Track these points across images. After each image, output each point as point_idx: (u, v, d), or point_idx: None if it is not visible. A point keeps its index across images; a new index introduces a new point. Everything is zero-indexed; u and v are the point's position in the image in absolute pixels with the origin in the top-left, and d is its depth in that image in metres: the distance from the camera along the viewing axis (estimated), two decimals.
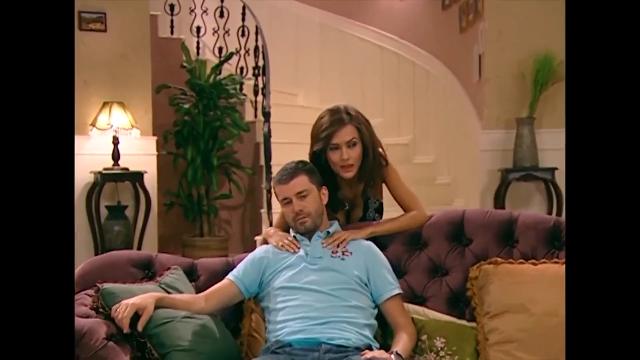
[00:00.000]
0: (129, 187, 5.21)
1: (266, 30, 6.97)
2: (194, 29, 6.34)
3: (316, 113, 7.99)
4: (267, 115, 5.66)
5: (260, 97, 6.16)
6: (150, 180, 5.22)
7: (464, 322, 2.77)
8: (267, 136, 5.50)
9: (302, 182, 2.70)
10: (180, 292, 2.67)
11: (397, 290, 2.68)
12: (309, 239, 2.74)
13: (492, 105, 5.07)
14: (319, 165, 2.82)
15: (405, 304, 2.80)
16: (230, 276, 2.73)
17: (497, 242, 2.86)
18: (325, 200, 2.78)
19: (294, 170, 2.72)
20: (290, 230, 2.82)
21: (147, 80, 5.31)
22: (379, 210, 3.00)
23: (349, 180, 2.90)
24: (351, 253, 2.72)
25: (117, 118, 5.01)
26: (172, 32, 6.35)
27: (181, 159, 5.84)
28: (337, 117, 2.80)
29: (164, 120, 5.90)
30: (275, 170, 5.70)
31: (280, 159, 6.27)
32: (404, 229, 2.92)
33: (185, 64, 5.85)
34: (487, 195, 5.08)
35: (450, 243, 2.91)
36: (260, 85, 6.14)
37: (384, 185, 3.00)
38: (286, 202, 2.71)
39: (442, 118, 6.36)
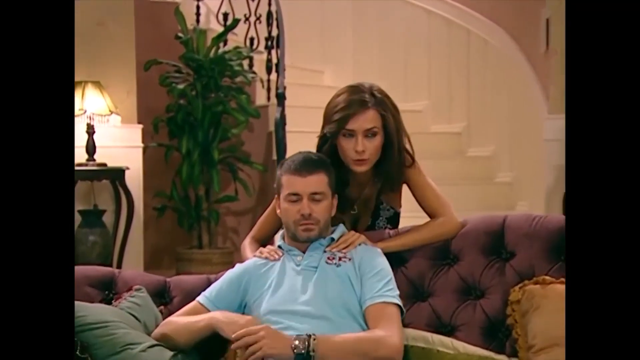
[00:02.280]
0: (108, 188, 5.26)
1: None
2: None
3: None
4: (280, 97, 5.65)
5: (274, 76, 6.15)
6: (134, 179, 5.26)
7: (503, 357, 2.74)
8: (280, 124, 5.49)
9: (321, 181, 2.72)
10: (138, 320, 2.66)
11: (383, 299, 2.63)
12: (303, 249, 2.73)
13: (560, 83, 5.00)
14: (325, 152, 2.82)
15: (429, 334, 2.76)
16: (200, 298, 2.73)
17: (546, 256, 2.81)
18: (333, 212, 2.80)
19: (317, 163, 2.74)
20: (278, 241, 2.81)
21: (130, 55, 5.35)
22: (393, 220, 2.98)
23: (360, 177, 2.88)
24: (349, 259, 2.70)
25: (92, 102, 5.05)
26: None
27: (175, 152, 5.87)
28: (358, 98, 2.80)
29: (154, 104, 5.93)
30: None
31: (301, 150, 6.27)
32: (429, 242, 2.90)
33: (180, 35, 5.87)
34: (554, 197, 5.02)
35: (486, 257, 2.87)
36: (275, 60, 6.14)
37: (405, 187, 2.96)
38: (294, 199, 2.71)
39: (504, 100, 6.30)
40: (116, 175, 5.14)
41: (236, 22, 6.04)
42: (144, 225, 5.54)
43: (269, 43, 6.24)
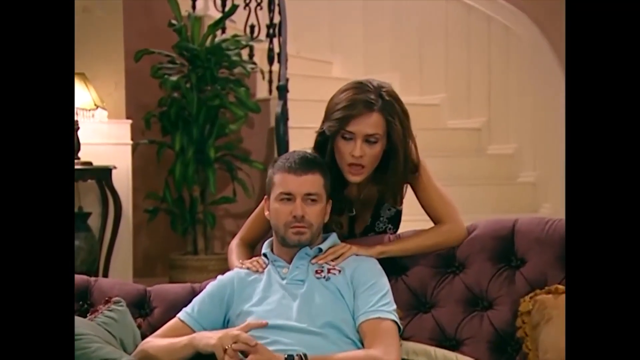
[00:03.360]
0: (94, 188, 5.28)
1: None
2: None
3: None
4: (282, 90, 5.66)
5: (276, 66, 6.16)
6: (122, 179, 5.29)
7: None
8: (281, 119, 5.50)
9: (317, 182, 2.73)
10: (114, 337, 2.67)
11: (378, 314, 2.62)
12: (289, 259, 2.73)
13: None
14: (322, 151, 2.83)
15: (433, 348, 2.77)
16: (182, 315, 2.73)
17: (559, 264, 2.81)
18: (327, 218, 2.80)
19: (312, 163, 2.74)
20: (263, 248, 2.81)
21: (118, 44, 5.39)
22: (394, 220, 2.98)
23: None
24: (339, 271, 2.70)
25: (77, 95, 5.07)
26: None
27: (168, 150, 5.88)
28: (363, 98, 2.78)
29: (145, 98, 5.96)
30: None
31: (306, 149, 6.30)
32: (432, 249, 2.90)
33: (173, 22, 5.88)
34: None
35: (495, 265, 2.87)
36: (277, 50, 6.15)
37: (407, 188, 2.96)
38: (286, 198, 2.71)
39: (527, 92, 6.29)
40: (102, 175, 5.16)
41: (234, 8, 6.04)
42: (133, 229, 5.56)
43: (271, 31, 6.24)
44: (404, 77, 7.06)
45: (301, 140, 6.02)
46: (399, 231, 3.00)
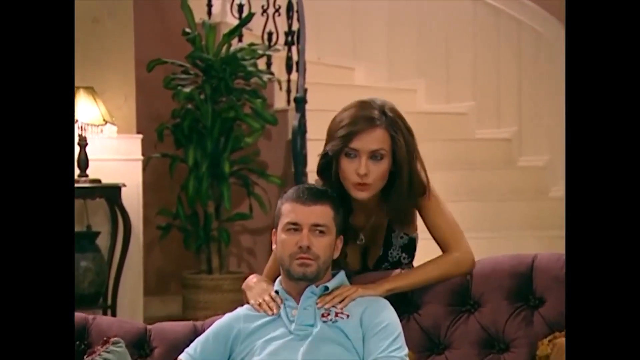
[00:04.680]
0: (103, 207, 5.29)
1: None
2: None
3: (381, 95, 7.97)
4: (299, 102, 5.65)
5: (295, 75, 6.15)
6: (132, 197, 5.30)
7: None
8: (299, 132, 5.49)
9: (325, 213, 2.73)
10: None
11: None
12: (296, 295, 2.72)
13: None
14: (326, 174, 2.83)
15: None
16: (184, 356, 2.73)
17: None
18: (337, 254, 2.79)
19: (322, 194, 2.76)
20: (275, 285, 2.80)
21: (128, 55, 5.40)
22: (408, 248, 2.96)
23: (366, 203, 2.86)
24: (348, 316, 2.68)
25: (85, 110, 5.08)
26: None
27: (181, 164, 5.89)
28: (366, 115, 2.80)
29: (158, 110, 5.96)
30: (312, 180, 5.68)
31: None
32: (440, 279, 2.88)
33: (187, 30, 5.88)
34: None
35: (512, 304, 2.85)
36: (296, 58, 6.13)
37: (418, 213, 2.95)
38: (293, 228, 2.71)
39: (560, 101, 6.22)
40: (111, 193, 5.17)
41: (251, 16, 6.03)
42: (146, 246, 5.58)
43: (289, 38, 6.23)
44: (430, 84, 7.04)
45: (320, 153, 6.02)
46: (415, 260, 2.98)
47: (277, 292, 2.78)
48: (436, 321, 2.87)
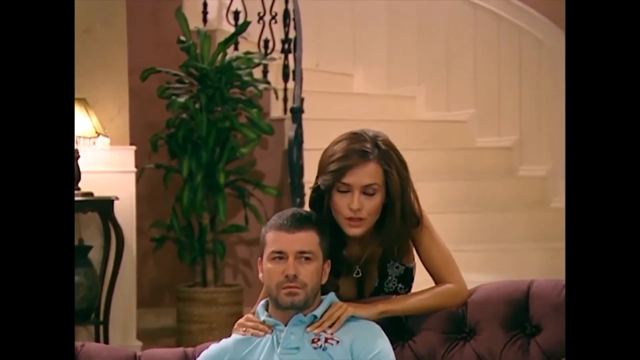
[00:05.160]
0: (96, 220, 5.28)
1: None
2: None
3: (380, 103, 7.98)
4: (296, 112, 5.64)
5: (292, 84, 6.15)
6: (126, 210, 5.29)
7: None
8: (294, 143, 5.48)
9: (311, 239, 2.70)
10: None
11: None
12: (285, 323, 2.71)
13: None
14: (318, 208, 2.81)
15: None
16: None
17: None
18: (324, 279, 2.77)
19: (306, 219, 2.72)
20: (262, 312, 2.79)
21: (121, 66, 5.38)
22: (405, 279, 2.94)
23: (360, 236, 2.85)
24: (338, 342, 2.67)
25: (77, 122, 5.06)
26: None
27: (175, 175, 5.87)
28: (358, 148, 2.75)
29: (152, 119, 5.95)
30: (309, 191, 5.67)
31: None
32: (433, 309, 2.85)
33: (182, 38, 5.87)
34: None
35: (508, 332, 2.82)
36: (293, 66, 6.13)
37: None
38: (278, 257, 2.69)
39: (561, 109, 6.21)
40: (104, 206, 5.16)
41: (246, 24, 6.03)
42: (140, 258, 5.59)
43: (286, 46, 6.23)
44: (430, 91, 7.04)
45: (317, 163, 6.00)
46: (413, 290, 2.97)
47: (264, 322, 2.77)
48: (431, 349, 2.84)
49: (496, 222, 6.03)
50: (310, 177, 5.82)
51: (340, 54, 7.25)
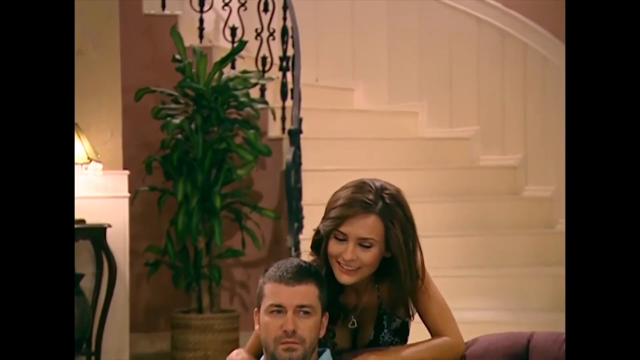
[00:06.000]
0: (88, 247, 5.27)
1: None
2: (195, 1, 6.37)
3: (381, 119, 7.90)
4: (294, 135, 5.61)
5: (290, 102, 6.13)
6: (118, 236, 5.28)
7: None
8: (292, 166, 5.46)
9: (310, 292, 2.69)
10: None
11: None
12: None
13: None
14: (318, 251, 2.81)
15: None
16: None
17: None
18: (322, 332, 2.76)
19: (305, 272, 2.71)
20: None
21: (114, 87, 5.38)
22: (401, 332, 2.93)
23: (358, 284, 2.84)
24: None
25: None
26: (163, 7, 6.38)
27: (170, 198, 5.85)
28: (361, 198, 2.75)
29: (148, 138, 5.94)
30: (308, 214, 5.67)
31: (322, 195, 6.13)
32: None
33: (177, 57, 5.85)
34: None
35: None
36: (291, 85, 6.11)
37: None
38: (277, 310, 2.68)
39: None
40: (96, 234, 5.15)
41: (243, 44, 6.01)
42: (134, 281, 5.55)
43: (284, 64, 6.21)
44: (432, 107, 7.02)
45: (316, 186, 5.98)
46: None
47: None
48: None
49: (499, 246, 6.01)
50: (309, 198, 5.82)
51: (340, 68, 7.23)
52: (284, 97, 6.23)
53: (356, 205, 2.73)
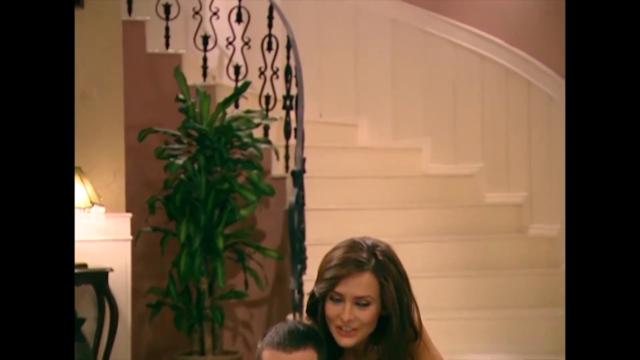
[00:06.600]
0: (90, 292, 5.28)
1: (313, 30, 7.00)
2: (199, 39, 6.41)
3: (385, 156, 7.92)
4: (297, 176, 5.64)
5: (293, 141, 6.16)
6: (120, 279, 5.31)
7: None
8: (294, 208, 5.48)
9: (309, 358, 2.69)
10: None
11: None
12: None
13: None
14: (314, 315, 2.82)
15: None
16: None
17: None
18: None
19: (303, 337, 2.71)
20: None
21: (117, 129, 5.41)
22: None
23: (356, 346, 2.86)
24: None
25: None
26: (167, 46, 6.42)
27: (173, 239, 5.87)
28: (354, 257, 2.76)
29: (151, 177, 5.96)
30: (311, 254, 5.68)
31: (326, 235, 5.97)
32: None
33: (180, 97, 5.89)
34: None
35: None
36: (294, 124, 6.14)
37: None
38: None
39: None
40: (98, 278, 5.17)
41: (246, 85, 6.04)
42: (136, 322, 5.55)
43: (287, 103, 6.24)
44: (436, 143, 7.04)
45: (320, 225, 6.01)
46: None
47: None
48: None
49: (504, 286, 6.00)
50: (312, 238, 5.83)
51: (344, 104, 7.26)
52: (287, 135, 6.25)
53: (350, 264, 2.74)
